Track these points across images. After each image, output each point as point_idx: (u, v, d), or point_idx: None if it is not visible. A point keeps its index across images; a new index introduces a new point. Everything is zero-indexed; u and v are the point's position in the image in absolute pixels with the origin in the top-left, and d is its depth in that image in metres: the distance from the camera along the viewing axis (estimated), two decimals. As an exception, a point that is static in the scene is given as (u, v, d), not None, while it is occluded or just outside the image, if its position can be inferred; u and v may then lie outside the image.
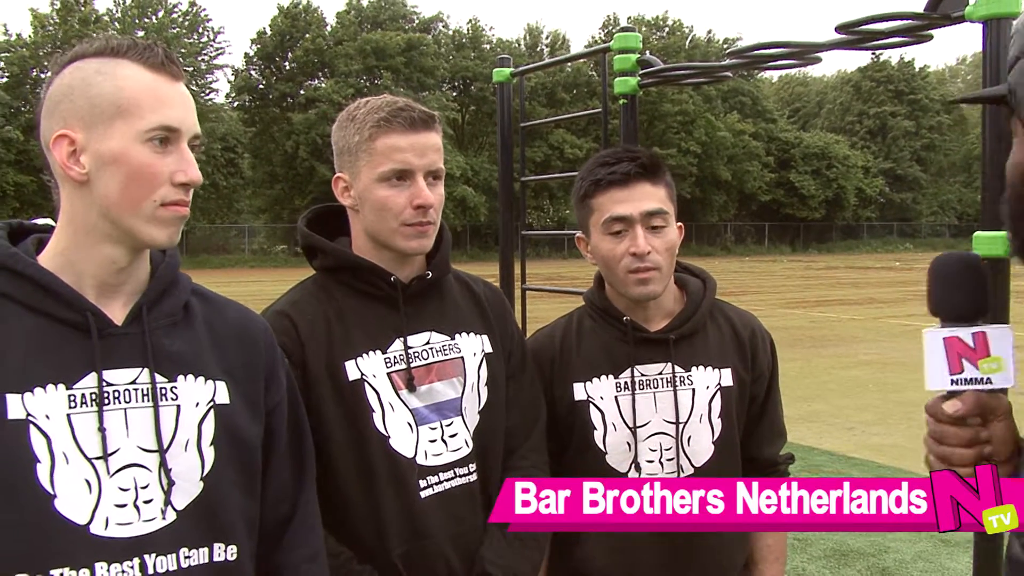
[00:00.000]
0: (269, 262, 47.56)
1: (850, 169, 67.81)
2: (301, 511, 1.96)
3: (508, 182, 5.67)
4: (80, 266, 1.69)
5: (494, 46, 60.24)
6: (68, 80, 1.67)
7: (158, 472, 1.69)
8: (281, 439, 1.93)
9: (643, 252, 2.41)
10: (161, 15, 54.67)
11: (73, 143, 1.65)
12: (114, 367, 1.68)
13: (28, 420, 1.60)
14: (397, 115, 2.25)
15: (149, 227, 1.68)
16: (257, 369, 1.88)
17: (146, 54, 1.68)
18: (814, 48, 4.25)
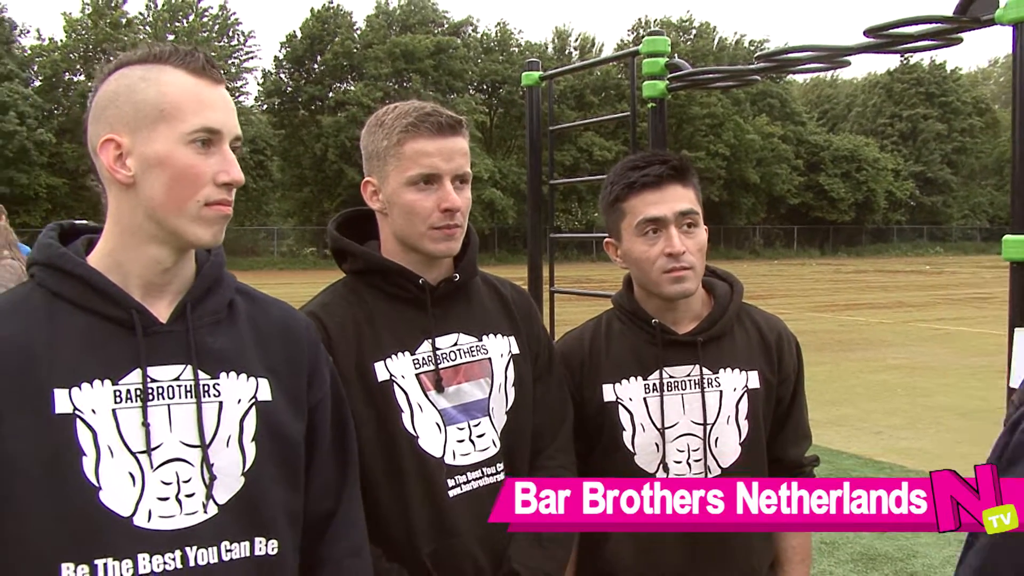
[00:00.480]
0: (298, 264, 47.77)
1: (880, 172, 67.38)
2: (345, 506, 1.99)
3: (537, 185, 5.70)
4: (127, 266, 1.74)
5: (523, 49, 60.21)
6: (114, 87, 1.73)
7: (200, 467, 1.73)
8: (325, 435, 1.96)
9: (679, 252, 2.44)
10: (192, 19, 55.10)
11: (119, 147, 1.70)
12: (158, 364, 1.72)
13: (75, 414, 1.64)
14: (425, 120, 2.28)
15: (194, 227, 1.73)
16: (300, 366, 1.92)
17: (187, 59, 1.74)
18: (843, 52, 4.26)
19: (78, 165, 47.26)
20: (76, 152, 47.01)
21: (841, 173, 66.54)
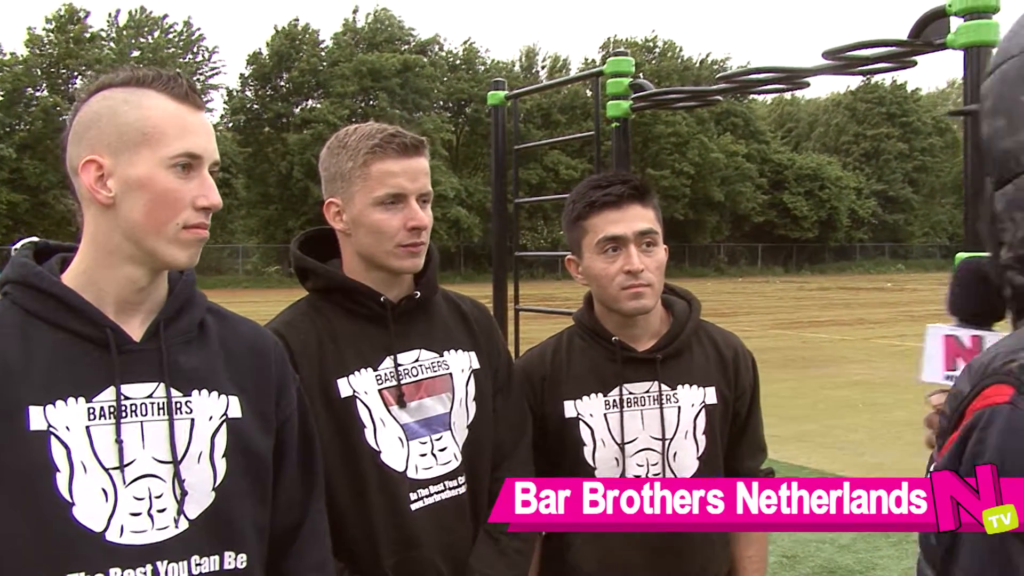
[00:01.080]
0: (263, 283, 47.51)
1: (843, 190, 67.99)
2: (310, 520, 2.02)
3: (502, 204, 5.74)
4: (101, 284, 1.76)
5: (489, 68, 60.38)
6: (96, 108, 1.76)
7: (172, 482, 1.76)
8: (292, 451, 2.00)
9: (637, 269, 2.49)
10: (157, 35, 54.79)
11: (101, 168, 1.73)
12: (132, 381, 1.75)
13: (49, 431, 1.67)
14: (390, 141, 2.33)
15: (171, 248, 1.75)
16: (268, 383, 1.95)
17: (170, 84, 1.78)
18: (802, 73, 4.34)
19: (40, 182, 46.82)
20: (37, 169, 46.58)
21: (804, 191, 67.07)
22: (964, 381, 1.29)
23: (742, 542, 2.69)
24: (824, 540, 6.98)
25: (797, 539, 7.12)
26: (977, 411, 1.24)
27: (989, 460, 1.25)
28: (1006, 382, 1.21)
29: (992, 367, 1.24)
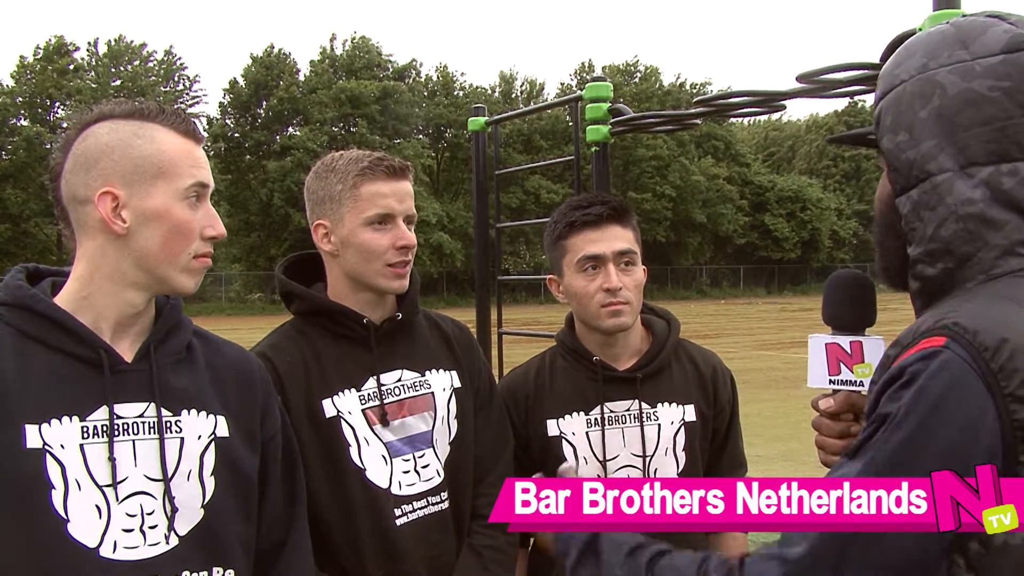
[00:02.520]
0: (246, 310, 47.32)
1: (824, 211, 68.34)
2: (293, 537, 2.07)
3: (484, 228, 5.76)
4: (100, 308, 1.81)
5: (468, 93, 60.51)
6: (106, 140, 1.80)
7: (163, 500, 1.80)
8: (275, 470, 2.05)
9: (616, 287, 2.56)
10: (136, 64, 54.74)
11: (116, 199, 1.78)
12: (124, 401, 1.80)
13: (44, 449, 1.71)
14: (379, 164, 2.42)
15: (182, 277, 1.83)
16: (254, 405, 2.01)
17: (175, 120, 1.85)
18: (778, 96, 4.38)
19: (22, 211, 46.62)
20: (19, 198, 46.37)
21: (786, 213, 67.37)
22: (891, 348, 1.47)
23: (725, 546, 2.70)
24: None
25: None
26: (910, 355, 1.40)
27: (920, 385, 1.37)
28: (939, 334, 1.38)
29: (922, 329, 1.42)
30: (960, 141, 1.49)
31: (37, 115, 51.15)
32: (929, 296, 1.55)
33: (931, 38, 1.57)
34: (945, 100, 1.51)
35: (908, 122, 1.54)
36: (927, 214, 1.52)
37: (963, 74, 1.50)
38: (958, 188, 1.49)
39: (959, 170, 1.49)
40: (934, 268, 1.53)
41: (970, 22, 1.56)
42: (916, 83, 1.54)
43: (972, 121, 1.49)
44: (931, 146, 1.51)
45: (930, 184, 1.51)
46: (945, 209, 1.49)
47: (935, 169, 1.51)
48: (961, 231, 1.49)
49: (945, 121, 1.50)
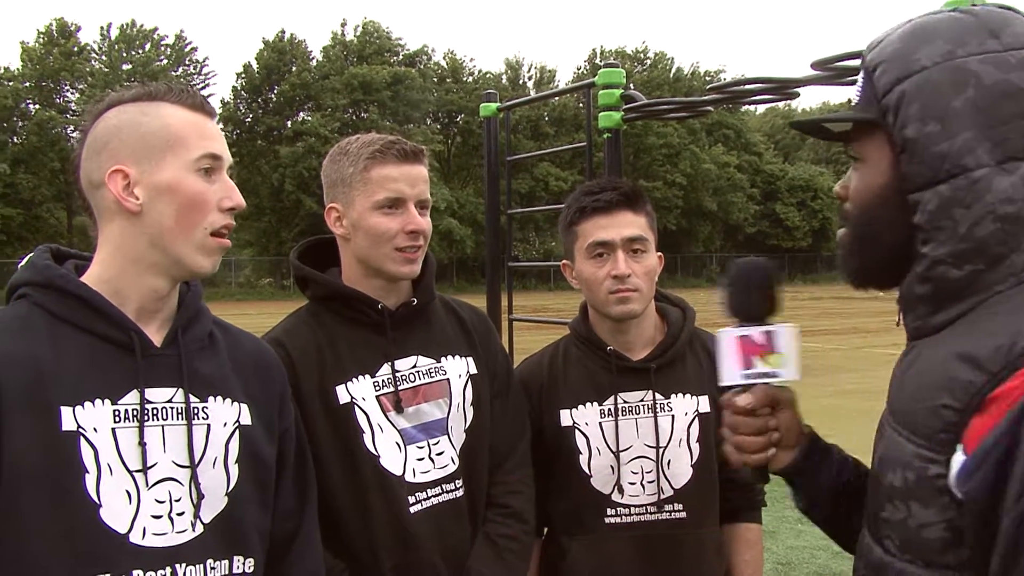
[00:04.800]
0: (255, 295, 47.45)
1: (835, 201, 67.46)
2: (304, 528, 2.06)
3: (495, 215, 5.74)
4: (125, 292, 1.79)
5: (477, 79, 60.44)
6: (114, 122, 1.80)
7: (189, 486, 1.79)
8: (289, 460, 2.04)
9: (623, 274, 2.53)
10: (148, 48, 54.80)
11: (127, 177, 1.77)
12: (154, 386, 1.79)
13: (79, 432, 1.69)
14: (391, 147, 2.39)
15: (197, 256, 1.80)
16: (272, 394, 2.00)
17: (183, 96, 1.84)
18: (792, 84, 4.35)
19: (33, 196, 46.80)
20: (31, 183, 46.53)
21: (797, 202, 67.31)
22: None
23: (738, 547, 2.71)
24: (819, 547, 6.99)
25: (792, 546, 7.13)
26: None
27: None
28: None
29: (1016, 351, 1.31)
30: (998, 135, 1.41)
31: (47, 99, 51.23)
32: (940, 301, 1.48)
33: (950, 24, 1.49)
34: (981, 91, 1.42)
35: (940, 112, 1.44)
36: (960, 212, 1.43)
37: (998, 64, 1.43)
38: (998, 184, 1.41)
39: (996, 165, 1.41)
40: (960, 270, 1.45)
41: (989, 12, 1.50)
42: (943, 70, 1.45)
43: (1011, 114, 1.41)
44: (968, 138, 1.42)
45: (966, 179, 1.42)
46: (982, 207, 1.41)
47: (972, 163, 1.42)
48: (998, 231, 1.41)
49: (982, 113, 1.42)
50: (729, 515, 2.71)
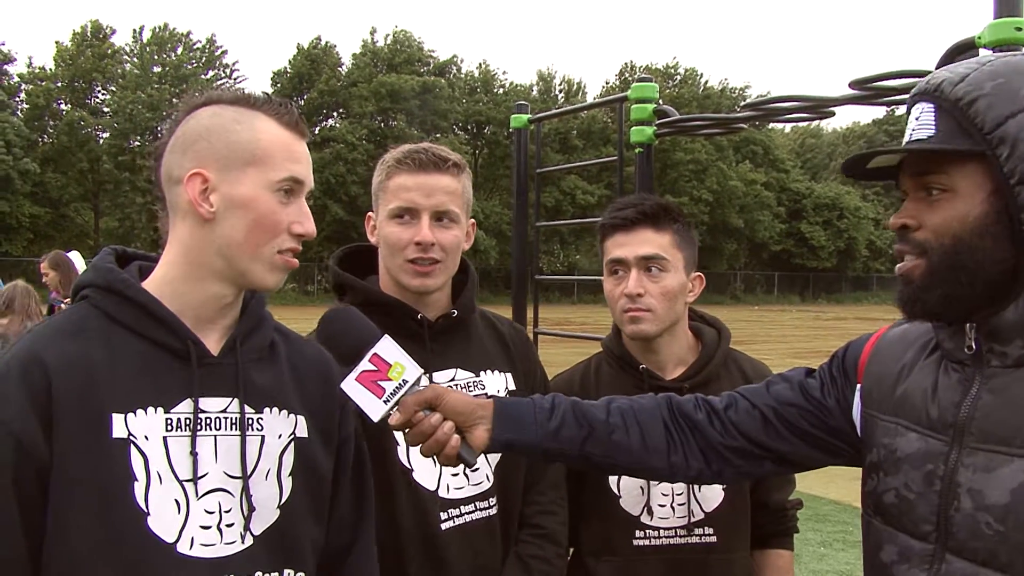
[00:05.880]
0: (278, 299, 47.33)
1: (861, 220, 67.91)
2: (361, 540, 2.04)
3: (523, 227, 5.71)
4: (186, 297, 1.78)
5: (508, 90, 60.52)
6: (207, 123, 1.78)
7: (240, 498, 1.77)
8: (347, 471, 2.02)
9: (633, 294, 2.50)
10: (180, 51, 55.16)
11: (206, 181, 1.75)
12: (208, 395, 1.77)
13: (129, 439, 1.68)
14: (410, 156, 2.37)
15: (263, 272, 1.79)
16: (332, 405, 1.97)
17: (281, 111, 1.82)
18: (828, 103, 4.31)
19: (61, 195, 47.15)
20: (59, 182, 46.88)
21: (823, 221, 67.00)
22: None
23: (769, 574, 2.67)
24: (842, 572, 6.92)
25: (815, 570, 7.06)
26: None
27: None
28: None
29: None
30: None
31: (78, 99, 51.63)
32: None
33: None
34: None
35: None
36: None
37: None
38: None
39: None
40: None
41: None
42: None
43: None
44: None
45: None
46: None
47: None
48: None
49: None
50: (759, 541, 2.66)
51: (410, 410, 1.84)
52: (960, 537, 1.58)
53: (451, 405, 1.88)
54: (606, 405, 2.00)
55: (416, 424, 1.86)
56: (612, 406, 2.00)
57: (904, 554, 1.69)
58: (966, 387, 1.64)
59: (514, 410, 1.94)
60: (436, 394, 1.87)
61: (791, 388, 1.98)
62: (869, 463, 1.83)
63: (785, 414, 1.94)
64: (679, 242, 2.58)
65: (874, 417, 1.82)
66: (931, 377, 1.72)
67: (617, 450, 1.95)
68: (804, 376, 2.00)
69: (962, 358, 1.67)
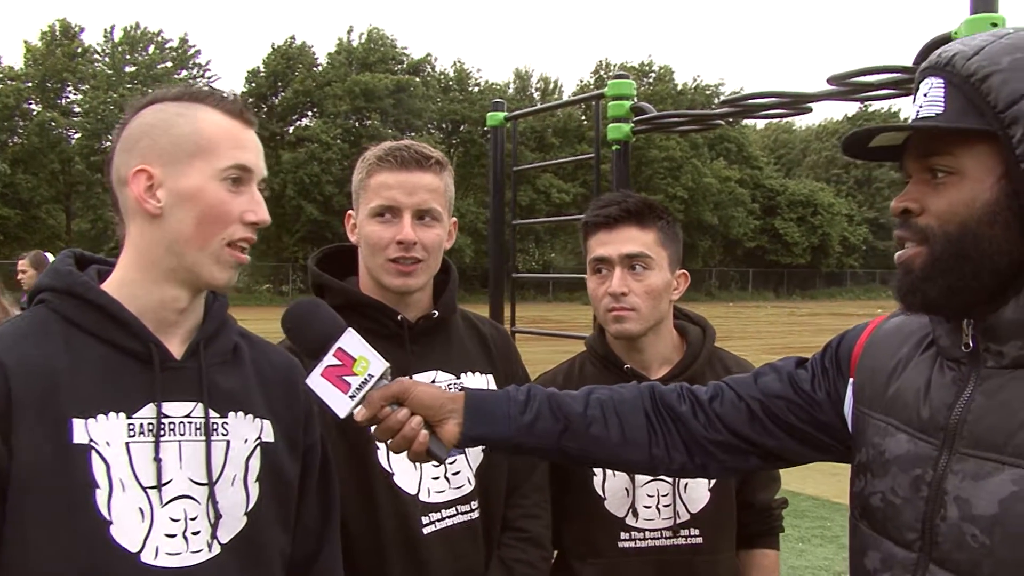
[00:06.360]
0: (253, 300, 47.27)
1: (835, 217, 68.27)
2: (326, 550, 2.00)
3: (499, 225, 5.69)
4: (143, 300, 1.74)
5: (483, 89, 60.45)
6: (150, 119, 1.75)
7: (206, 505, 1.73)
8: (313, 479, 1.98)
9: (617, 293, 2.47)
10: (152, 50, 54.78)
11: (151, 178, 1.72)
12: (171, 400, 1.73)
13: (90, 445, 1.63)
14: (390, 154, 2.33)
15: (212, 267, 1.74)
16: (298, 410, 1.94)
17: (223, 101, 1.79)
18: (806, 98, 4.30)
19: (32, 196, 46.74)
20: (30, 183, 46.48)
21: (797, 217, 67.31)
22: None
23: (755, 574, 2.66)
24: (821, 567, 6.93)
25: (794, 566, 7.07)
26: None
27: None
28: None
29: None
30: None
31: (49, 99, 51.20)
32: None
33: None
34: None
35: None
36: None
37: None
38: None
39: None
40: None
41: None
42: None
43: None
44: None
45: None
46: None
47: None
48: None
49: None
50: (745, 540, 2.64)
51: (376, 405, 1.79)
52: (944, 548, 1.49)
53: (419, 399, 1.82)
54: (585, 396, 1.94)
55: (383, 420, 1.81)
56: (591, 397, 1.94)
57: (887, 562, 1.60)
58: (960, 388, 1.54)
59: (486, 403, 1.88)
60: (403, 388, 1.82)
61: (780, 380, 1.91)
62: (858, 463, 1.74)
63: (772, 407, 1.87)
64: (663, 240, 2.55)
65: (865, 415, 1.73)
66: (925, 375, 1.62)
67: (595, 444, 1.90)
68: (794, 367, 1.93)
69: (958, 356, 1.56)
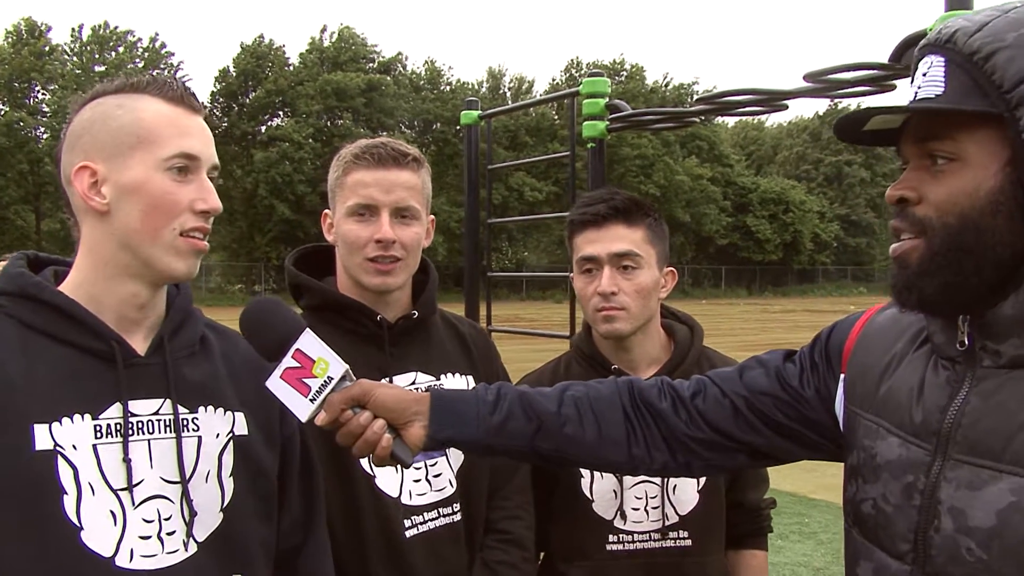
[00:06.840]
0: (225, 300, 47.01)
1: (806, 214, 68.62)
2: (313, 540, 1.97)
3: (474, 224, 5.66)
4: (101, 299, 1.69)
5: (455, 88, 60.41)
6: (89, 115, 1.69)
7: (180, 503, 1.69)
8: (294, 469, 1.94)
9: (607, 292, 2.44)
10: (122, 50, 54.39)
11: (95, 174, 1.67)
12: (138, 397, 1.68)
13: (56, 451, 1.59)
14: (367, 151, 2.29)
15: (168, 258, 1.69)
16: (272, 400, 1.86)
17: (164, 88, 1.72)
18: (782, 95, 4.30)
19: (1, 197, 46.35)
20: (-2, 184, 46.10)
21: (768, 215, 67.62)
22: None
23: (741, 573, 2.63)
24: (799, 563, 6.95)
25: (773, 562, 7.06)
26: None
27: None
28: None
29: None
30: None
31: (16, 99, 50.73)
32: None
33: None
34: None
35: None
36: None
37: None
38: None
39: None
40: None
41: None
42: None
43: None
44: None
45: None
46: None
47: None
48: None
49: None
50: (734, 541, 2.62)
51: (336, 409, 1.72)
52: (938, 561, 1.40)
53: (381, 402, 1.74)
54: (559, 394, 1.85)
55: (344, 424, 1.73)
56: (565, 395, 1.84)
57: (880, 572, 1.52)
58: (954, 389, 1.45)
59: (454, 404, 1.80)
60: (364, 391, 1.74)
61: (766, 375, 1.82)
62: (850, 466, 1.65)
63: (758, 404, 1.78)
64: (651, 237, 2.53)
65: (857, 415, 1.64)
66: (919, 374, 1.52)
67: (571, 444, 1.81)
68: (782, 361, 1.83)
69: (953, 355, 1.47)
